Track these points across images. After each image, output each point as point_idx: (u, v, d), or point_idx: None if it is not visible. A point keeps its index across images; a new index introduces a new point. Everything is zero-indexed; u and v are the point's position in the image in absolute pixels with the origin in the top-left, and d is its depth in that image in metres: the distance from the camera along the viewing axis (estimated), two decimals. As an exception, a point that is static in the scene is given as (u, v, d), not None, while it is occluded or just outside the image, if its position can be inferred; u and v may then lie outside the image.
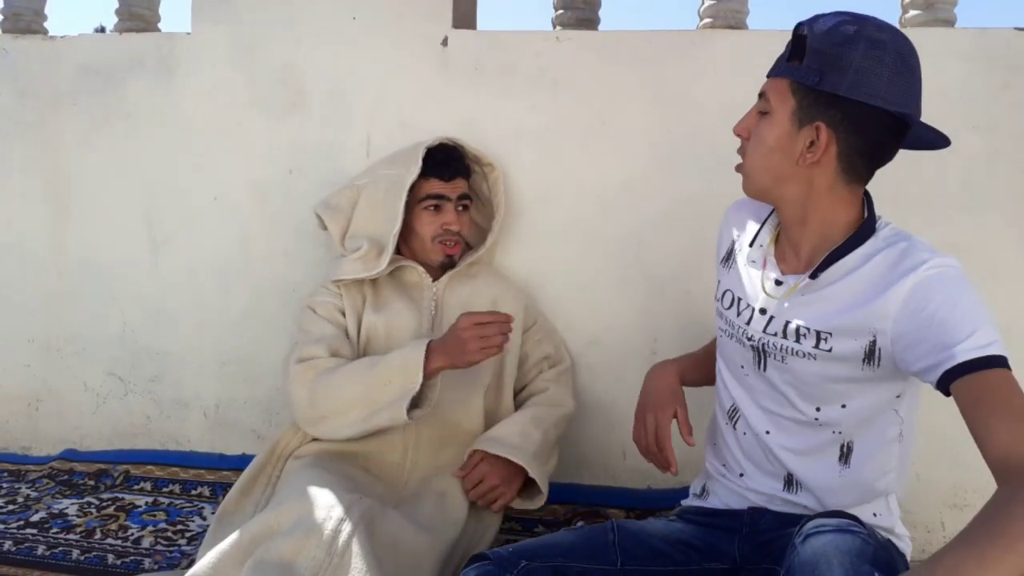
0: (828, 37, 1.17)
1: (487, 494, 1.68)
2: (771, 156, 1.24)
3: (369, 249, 1.78)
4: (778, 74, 1.24)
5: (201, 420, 2.28)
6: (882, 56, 1.15)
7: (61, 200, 2.30)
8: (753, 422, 1.37)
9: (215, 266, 2.23)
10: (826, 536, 1.05)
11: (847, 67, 1.15)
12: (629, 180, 1.99)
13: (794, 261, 1.31)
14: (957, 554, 0.90)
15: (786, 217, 1.30)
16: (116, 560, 1.76)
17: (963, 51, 1.85)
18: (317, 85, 2.13)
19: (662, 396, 1.48)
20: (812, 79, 1.17)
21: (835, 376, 1.25)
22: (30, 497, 2.06)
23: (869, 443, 1.29)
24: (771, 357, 1.32)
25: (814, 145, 1.20)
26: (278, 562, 1.27)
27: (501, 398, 1.87)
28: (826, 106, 1.18)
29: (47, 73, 2.28)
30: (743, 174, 1.31)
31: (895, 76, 1.15)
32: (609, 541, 1.36)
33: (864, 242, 1.23)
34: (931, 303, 1.11)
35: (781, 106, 1.22)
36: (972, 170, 1.86)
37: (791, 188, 1.25)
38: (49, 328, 2.35)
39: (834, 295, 1.24)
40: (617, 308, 2.04)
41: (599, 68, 1.98)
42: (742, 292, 1.38)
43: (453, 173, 1.82)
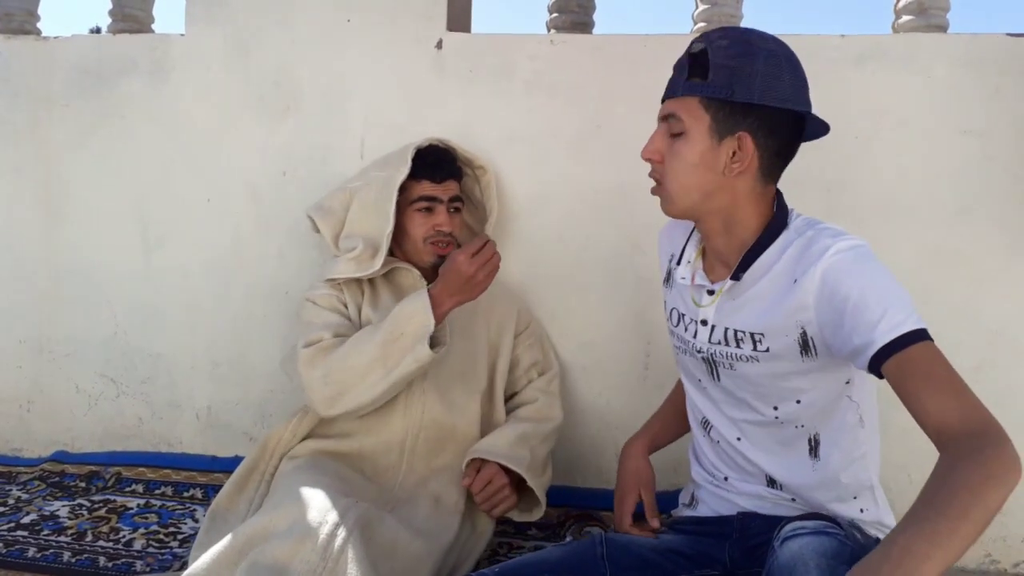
0: (729, 51, 1.21)
1: (496, 495, 1.68)
2: (695, 173, 1.25)
3: (364, 249, 1.78)
4: (684, 93, 1.25)
5: (193, 422, 2.28)
6: (779, 62, 1.21)
7: (54, 201, 2.29)
8: (723, 431, 1.40)
9: (208, 268, 2.22)
10: (803, 539, 1.07)
11: (754, 76, 1.19)
12: (623, 184, 1.99)
13: (722, 270, 1.34)
14: (908, 534, 0.90)
15: (709, 229, 1.32)
16: (108, 562, 1.75)
17: (955, 56, 1.86)
18: (311, 87, 2.13)
19: (627, 484, 1.57)
20: (724, 92, 1.21)
21: (781, 373, 1.27)
22: (21, 499, 2.05)
23: (832, 432, 1.30)
24: (721, 366, 1.35)
25: (737, 155, 1.23)
26: (272, 565, 1.27)
27: (494, 403, 1.88)
28: (742, 115, 1.21)
29: (40, 74, 2.27)
30: (664, 197, 1.32)
31: (793, 79, 1.22)
32: (597, 554, 1.36)
33: (776, 237, 1.26)
34: (842, 287, 1.14)
35: (696, 123, 1.24)
36: (963, 175, 1.87)
37: (717, 200, 1.27)
38: (41, 329, 2.34)
39: (759, 294, 1.27)
40: (611, 311, 2.04)
41: (593, 72, 1.99)
42: (684, 308, 1.41)
43: (444, 175, 1.82)
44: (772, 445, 1.34)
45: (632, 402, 2.03)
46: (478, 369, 1.84)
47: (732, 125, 1.22)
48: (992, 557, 1.87)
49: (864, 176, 1.91)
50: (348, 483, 1.61)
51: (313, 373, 1.63)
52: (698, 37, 1.26)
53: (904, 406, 1.06)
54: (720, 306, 1.32)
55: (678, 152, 1.26)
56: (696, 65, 1.24)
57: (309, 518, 1.35)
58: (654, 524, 1.49)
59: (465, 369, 1.82)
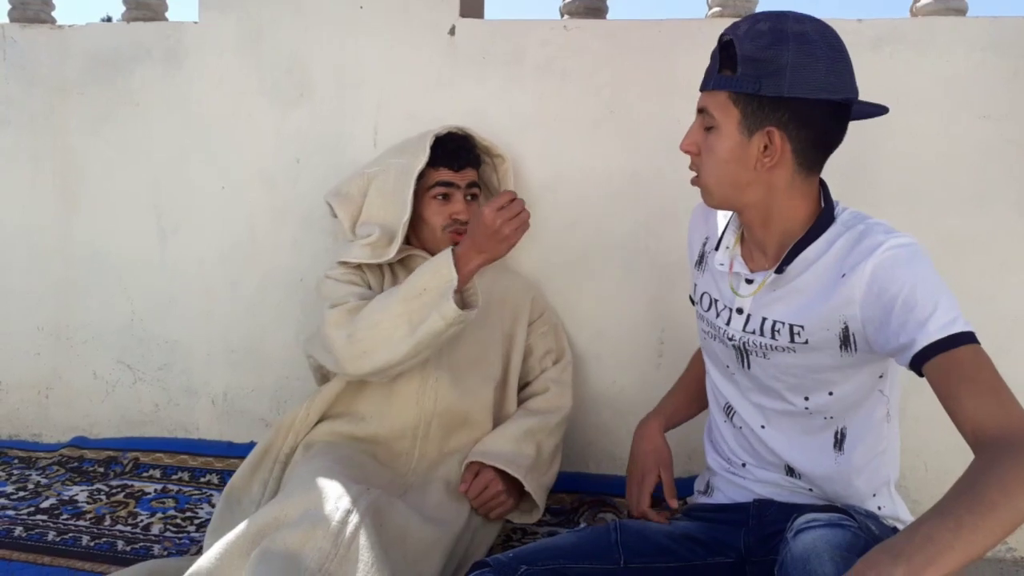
0: (756, 42, 1.17)
1: (491, 501, 1.67)
2: (727, 168, 1.24)
3: (380, 236, 1.78)
4: (713, 87, 1.23)
5: (209, 408, 2.29)
6: (813, 49, 1.15)
7: (69, 189, 2.31)
8: (747, 417, 1.39)
9: (223, 255, 2.24)
10: (817, 531, 1.06)
11: (783, 68, 1.15)
12: (637, 170, 1.98)
13: (761, 259, 1.32)
14: (933, 523, 0.91)
15: (749, 220, 1.30)
16: (126, 546, 1.77)
17: (974, 40, 1.83)
18: (324, 74, 2.13)
19: (645, 463, 1.55)
20: (751, 87, 1.17)
21: (817, 366, 1.26)
22: (40, 484, 2.08)
23: (859, 426, 1.30)
24: (753, 355, 1.33)
25: (768, 149, 1.20)
26: (284, 552, 1.28)
27: (507, 391, 1.88)
28: (771, 109, 1.18)
29: (55, 62, 2.28)
30: (702, 189, 1.31)
31: (829, 65, 1.16)
32: (611, 541, 1.36)
33: (824, 231, 1.24)
34: (892, 285, 1.13)
35: (726, 118, 1.22)
36: (982, 160, 1.85)
37: (752, 193, 1.25)
38: (58, 316, 2.36)
39: (802, 287, 1.25)
40: (624, 298, 2.04)
41: (607, 57, 1.98)
42: (718, 294, 1.39)
43: (463, 163, 1.81)
44: (797, 435, 1.33)
45: (646, 389, 2.02)
46: (491, 357, 1.84)
47: (761, 119, 1.19)
48: (1009, 545, 1.86)
49: (881, 161, 1.89)
50: (361, 469, 1.61)
51: (338, 333, 1.60)
52: (730, 26, 1.23)
53: (942, 406, 1.06)
54: (759, 296, 1.30)
55: (711, 147, 1.25)
56: (725, 57, 1.21)
57: (321, 506, 1.36)
58: (673, 505, 1.48)
59: (479, 356, 1.82)
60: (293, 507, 1.37)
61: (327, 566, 1.28)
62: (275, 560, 1.27)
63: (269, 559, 1.27)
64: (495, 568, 1.27)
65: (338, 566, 1.28)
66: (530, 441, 1.75)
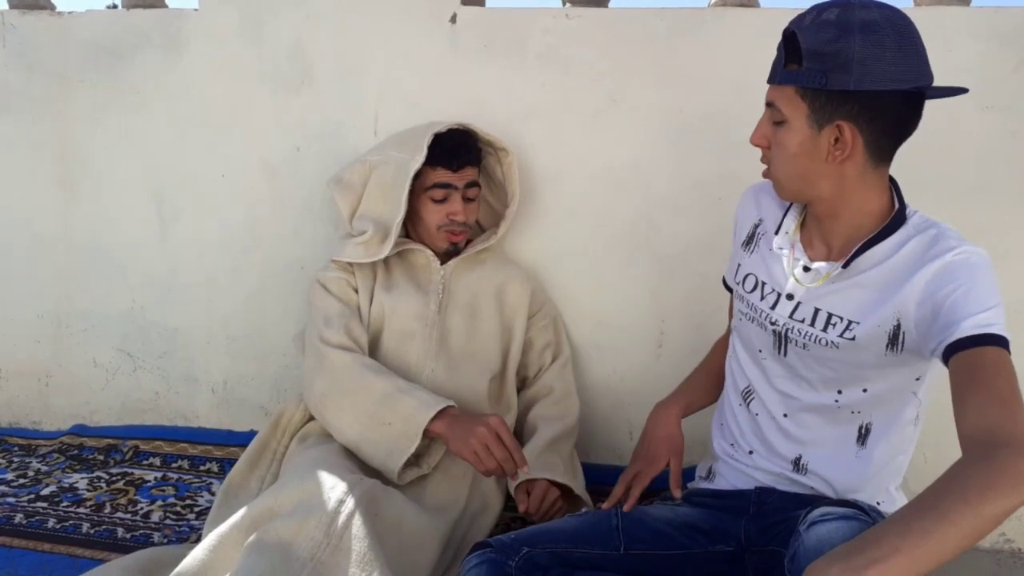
0: (821, 35, 1.15)
1: (550, 510, 1.67)
2: (798, 162, 1.23)
3: (374, 234, 1.78)
4: (780, 81, 1.22)
5: (210, 396, 2.30)
6: (880, 39, 1.13)
7: (69, 176, 2.30)
8: (769, 404, 1.38)
9: (224, 243, 2.23)
10: (831, 524, 1.06)
11: (849, 61, 1.13)
12: (639, 160, 1.98)
13: (822, 248, 1.31)
14: (884, 527, 0.92)
15: (818, 211, 1.29)
16: (126, 534, 1.78)
17: (978, 30, 1.82)
18: (325, 62, 2.12)
19: (658, 448, 1.52)
20: (818, 81, 1.16)
21: (858, 362, 1.26)
22: (40, 471, 2.08)
23: (886, 424, 1.29)
24: (793, 343, 1.32)
25: (839, 142, 1.19)
26: (277, 543, 1.28)
27: (505, 383, 1.87)
28: (840, 103, 1.17)
29: (55, 49, 2.27)
30: (773, 182, 1.31)
31: (898, 53, 1.14)
32: (612, 526, 1.37)
33: (896, 231, 1.23)
34: (949, 285, 1.13)
35: (794, 113, 1.21)
36: (986, 151, 1.84)
37: (824, 185, 1.24)
38: (58, 304, 2.36)
39: (866, 283, 1.24)
40: (626, 289, 2.03)
41: (609, 46, 1.97)
42: (767, 276, 1.37)
43: (462, 162, 1.80)
44: (820, 426, 1.33)
45: (646, 380, 2.02)
46: (489, 349, 1.84)
47: (830, 113, 1.17)
48: (1007, 536, 1.86)
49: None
50: (355, 460, 1.62)
51: (319, 383, 1.67)
52: (795, 17, 1.21)
53: (952, 403, 1.06)
54: (816, 286, 1.29)
55: (780, 141, 1.24)
56: (790, 50, 1.19)
57: (314, 496, 1.36)
58: (677, 495, 1.47)
59: (476, 349, 1.82)
60: (287, 497, 1.37)
61: (319, 555, 1.28)
62: (267, 550, 1.27)
63: (261, 549, 1.27)
64: (497, 548, 1.28)
65: (330, 555, 1.29)
66: (554, 452, 1.75)
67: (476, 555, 1.29)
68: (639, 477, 1.48)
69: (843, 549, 0.91)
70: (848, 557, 0.88)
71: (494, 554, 1.27)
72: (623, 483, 1.48)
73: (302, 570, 1.26)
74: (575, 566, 1.31)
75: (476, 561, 1.28)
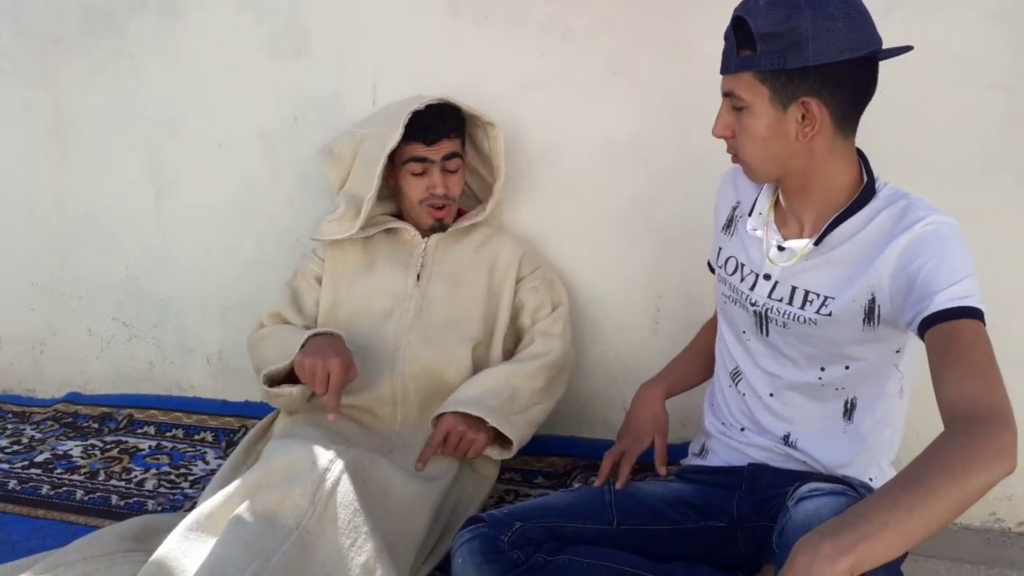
0: (771, 16, 1.15)
1: (460, 444, 1.63)
2: (768, 144, 1.23)
3: (345, 210, 1.79)
4: (736, 69, 1.21)
5: (204, 366, 2.29)
6: (830, 11, 1.14)
7: (63, 142, 2.28)
8: (755, 384, 1.38)
9: (219, 213, 2.22)
10: (819, 500, 1.06)
11: (804, 38, 1.13)
12: (639, 134, 1.96)
13: (795, 226, 1.31)
14: (870, 502, 0.93)
15: (788, 187, 1.30)
16: (120, 501, 1.78)
17: (985, 8, 1.80)
18: (323, 30, 2.09)
19: (642, 427, 1.53)
20: (776, 62, 1.16)
21: (837, 339, 1.26)
22: (35, 438, 2.08)
23: (872, 398, 1.30)
24: (773, 322, 1.33)
25: (807, 118, 1.19)
26: (262, 512, 1.29)
27: (490, 352, 1.84)
28: (801, 80, 1.17)
29: (49, 13, 2.24)
30: (744, 168, 1.30)
31: (849, 23, 1.15)
32: (605, 501, 1.37)
33: (866, 204, 1.24)
34: (921, 256, 1.13)
35: (755, 97, 1.20)
36: (987, 131, 1.82)
37: (796, 163, 1.24)
38: (52, 272, 2.34)
39: (838, 259, 1.24)
40: (623, 264, 2.02)
41: (611, 17, 1.94)
42: (746, 258, 1.38)
43: (436, 136, 1.77)
44: (806, 403, 1.33)
45: (641, 356, 2.02)
46: (471, 317, 1.81)
47: (793, 92, 1.17)
48: (997, 516, 1.87)
49: (884, 130, 1.85)
50: (343, 434, 1.63)
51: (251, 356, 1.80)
52: (740, 4, 1.21)
53: (930, 376, 1.06)
54: (791, 264, 1.29)
55: (746, 127, 1.23)
56: (741, 37, 1.19)
57: (300, 465, 1.37)
58: (662, 472, 1.49)
59: (458, 316, 1.80)
60: (275, 468, 1.38)
61: (304, 523, 1.29)
62: (252, 520, 1.28)
63: (246, 519, 1.29)
64: (490, 523, 1.29)
65: (316, 523, 1.30)
66: (502, 385, 1.70)
67: (469, 530, 1.29)
68: (626, 456, 1.48)
69: (832, 524, 0.91)
70: (837, 533, 0.88)
71: (487, 529, 1.28)
72: (609, 459, 1.49)
73: (287, 538, 1.27)
74: (568, 540, 1.32)
75: (469, 536, 1.29)
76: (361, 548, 1.29)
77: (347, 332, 1.76)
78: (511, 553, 1.28)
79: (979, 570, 1.63)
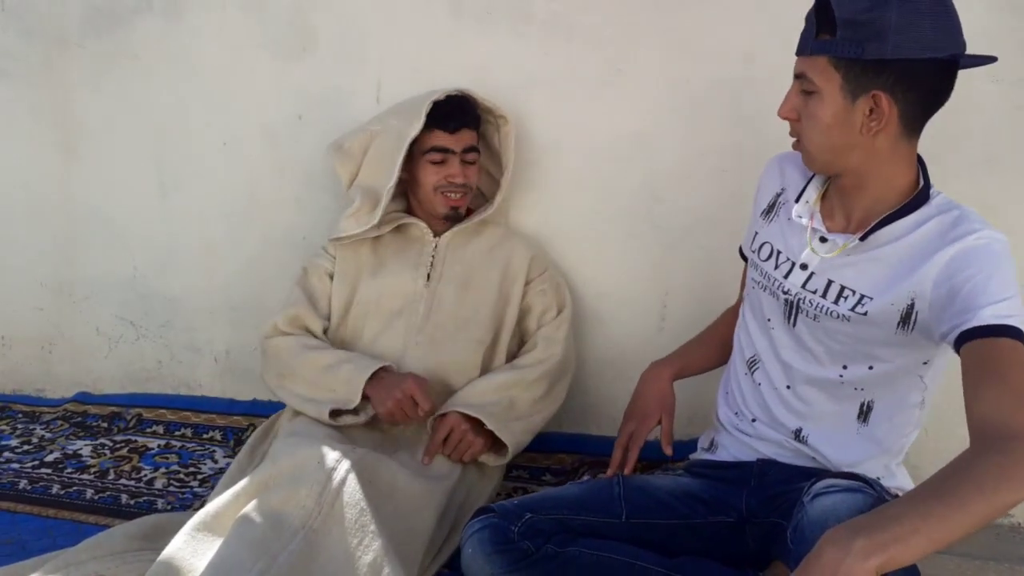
0: (856, 3, 1.13)
1: (459, 444, 1.64)
2: (831, 133, 1.21)
3: (362, 204, 1.78)
4: (813, 52, 1.19)
5: (212, 366, 2.30)
6: (917, 6, 1.11)
7: (69, 143, 2.28)
8: (772, 375, 1.38)
9: (225, 212, 2.22)
10: (835, 496, 1.06)
11: (886, 30, 1.11)
12: (644, 130, 1.95)
13: (842, 220, 1.30)
14: (903, 506, 0.93)
15: (844, 183, 1.28)
16: (130, 500, 1.79)
17: (988, 3, 1.79)
18: (327, 28, 2.09)
19: (648, 405, 1.52)
20: (854, 51, 1.13)
21: (867, 338, 1.25)
22: (44, 438, 2.09)
23: (890, 404, 1.29)
24: (803, 313, 1.31)
25: (875, 112, 1.17)
26: (268, 513, 1.30)
27: (495, 353, 1.84)
28: (875, 73, 1.15)
29: (54, 13, 2.24)
30: (803, 154, 1.29)
31: (935, 21, 1.12)
32: (614, 494, 1.37)
33: (918, 209, 1.22)
34: (969, 269, 1.12)
35: (827, 83, 1.18)
36: (993, 125, 1.82)
37: (855, 157, 1.23)
38: (60, 271, 2.35)
39: (882, 258, 1.23)
40: (628, 261, 2.02)
41: (615, 13, 1.93)
42: (783, 245, 1.37)
43: (458, 124, 1.78)
44: (822, 401, 1.33)
45: (647, 353, 2.00)
46: (480, 319, 1.81)
47: (866, 83, 1.15)
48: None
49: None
50: (348, 434, 1.64)
51: (268, 374, 1.80)
52: None
53: (962, 388, 1.06)
54: (832, 257, 1.28)
55: (812, 113, 1.22)
56: (823, 20, 1.17)
57: (306, 465, 1.38)
58: (668, 451, 1.48)
59: (467, 317, 1.80)
60: (281, 469, 1.39)
61: (311, 523, 1.30)
62: (258, 520, 1.29)
63: (252, 520, 1.29)
64: (500, 514, 1.29)
65: (322, 523, 1.30)
66: (501, 396, 1.71)
67: (479, 520, 1.30)
68: (634, 438, 1.49)
69: (864, 521, 0.91)
70: (871, 532, 0.89)
71: (497, 519, 1.29)
72: (619, 448, 1.49)
73: (293, 538, 1.27)
74: (577, 533, 1.33)
75: (479, 526, 1.29)
76: (368, 547, 1.30)
77: (356, 330, 1.79)
78: (521, 543, 1.28)
79: (988, 565, 1.63)
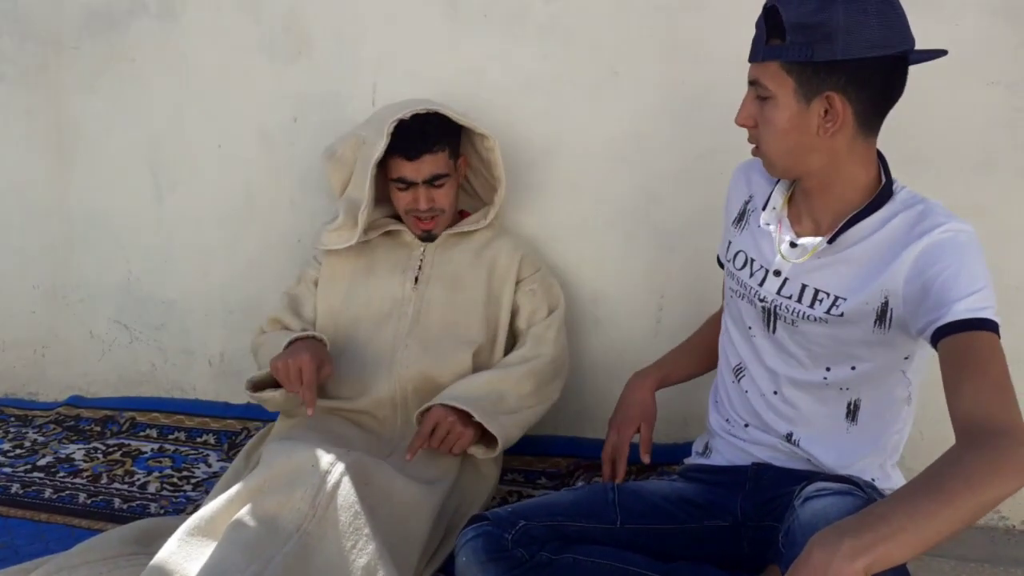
0: (804, 7, 1.14)
1: (447, 436, 1.62)
2: (788, 137, 1.22)
3: (344, 219, 1.79)
4: (764, 58, 1.20)
5: (206, 369, 2.29)
6: (864, 5, 1.12)
7: (64, 145, 2.28)
8: (759, 381, 1.38)
9: (220, 215, 2.22)
10: (826, 499, 1.06)
11: (834, 31, 1.12)
12: (640, 133, 1.95)
13: (809, 224, 1.30)
14: (890, 504, 0.93)
15: (808, 186, 1.28)
16: (123, 504, 1.78)
17: (984, 5, 1.80)
18: (322, 31, 2.09)
19: (629, 412, 1.55)
20: (804, 54, 1.15)
21: (846, 339, 1.25)
22: (37, 442, 2.08)
23: (877, 402, 1.29)
24: (781, 319, 1.32)
25: (829, 113, 1.18)
26: (263, 517, 1.29)
27: (493, 355, 1.83)
28: (827, 75, 1.16)
29: (50, 16, 2.24)
30: (763, 160, 1.29)
31: (882, 19, 1.13)
32: (608, 500, 1.37)
33: (882, 206, 1.23)
34: (938, 263, 1.12)
35: (780, 88, 1.19)
36: (989, 128, 1.82)
37: (814, 159, 1.23)
38: (54, 275, 2.34)
39: (852, 259, 1.24)
40: (624, 264, 2.02)
41: (611, 16, 1.93)
42: (756, 253, 1.37)
43: (420, 151, 1.74)
44: (809, 404, 1.33)
45: (643, 355, 2.00)
46: (471, 319, 1.80)
47: (818, 85, 1.16)
48: (1002, 514, 1.86)
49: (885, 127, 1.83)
50: (344, 437, 1.63)
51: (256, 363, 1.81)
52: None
53: (942, 383, 1.06)
54: (803, 262, 1.28)
55: (768, 118, 1.22)
56: (772, 25, 1.18)
57: (301, 469, 1.37)
58: (646, 460, 1.50)
59: (457, 319, 1.79)
60: (275, 473, 1.38)
61: (305, 526, 1.30)
62: (252, 525, 1.28)
63: (246, 523, 1.29)
64: (493, 521, 1.29)
65: (316, 526, 1.30)
66: (488, 390, 1.69)
67: (472, 528, 1.29)
68: (617, 448, 1.51)
69: (851, 523, 0.91)
70: (858, 533, 0.88)
71: (491, 527, 1.28)
72: (607, 460, 1.52)
73: (287, 541, 1.27)
74: (572, 539, 1.32)
75: (473, 534, 1.28)
76: (362, 550, 1.29)
77: (347, 336, 1.76)
78: (515, 551, 1.27)
79: (984, 568, 1.63)
